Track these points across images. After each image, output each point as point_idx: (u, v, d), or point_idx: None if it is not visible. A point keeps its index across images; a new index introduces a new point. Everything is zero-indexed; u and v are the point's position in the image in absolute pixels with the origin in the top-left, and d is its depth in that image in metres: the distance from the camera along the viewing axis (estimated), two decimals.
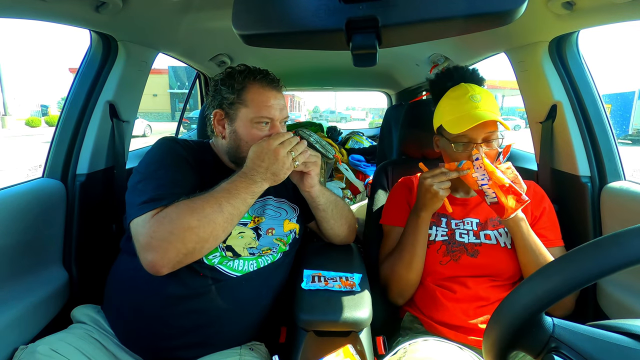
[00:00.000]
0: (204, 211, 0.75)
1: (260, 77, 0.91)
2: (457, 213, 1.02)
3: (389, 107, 2.67)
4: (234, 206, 0.78)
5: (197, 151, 0.94)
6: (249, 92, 0.90)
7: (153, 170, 0.83)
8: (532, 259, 0.90)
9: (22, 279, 0.94)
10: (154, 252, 0.73)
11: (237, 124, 0.91)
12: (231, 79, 0.91)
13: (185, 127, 12.33)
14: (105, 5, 0.92)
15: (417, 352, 0.80)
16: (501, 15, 0.47)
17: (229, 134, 0.93)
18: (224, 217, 0.77)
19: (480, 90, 0.93)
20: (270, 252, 0.94)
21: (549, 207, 1.01)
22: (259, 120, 0.89)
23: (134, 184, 0.83)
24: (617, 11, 0.85)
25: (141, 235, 0.75)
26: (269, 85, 0.92)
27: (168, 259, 0.73)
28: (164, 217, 0.75)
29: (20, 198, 0.96)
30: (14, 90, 47.72)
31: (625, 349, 0.39)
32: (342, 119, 35.09)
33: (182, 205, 0.76)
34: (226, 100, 0.91)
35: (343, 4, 0.49)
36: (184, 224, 0.74)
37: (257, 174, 0.81)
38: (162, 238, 0.73)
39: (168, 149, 0.88)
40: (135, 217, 0.77)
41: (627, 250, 0.37)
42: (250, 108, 0.89)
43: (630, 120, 12.77)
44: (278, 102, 0.92)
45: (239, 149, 0.92)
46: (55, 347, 0.74)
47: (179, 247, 0.73)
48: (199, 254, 0.78)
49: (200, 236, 0.75)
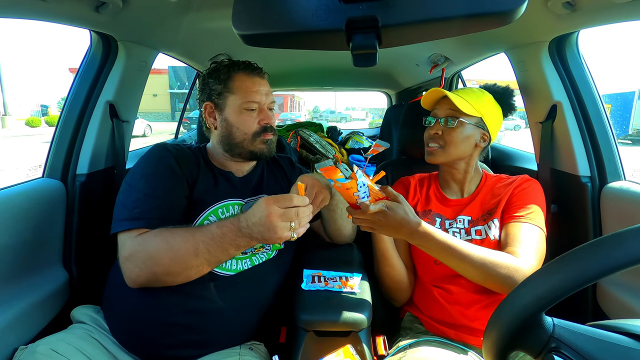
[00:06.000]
0: (179, 252, 0.76)
1: (243, 66, 0.97)
2: (450, 213, 1.02)
3: (389, 107, 2.67)
4: (211, 253, 0.77)
5: (187, 155, 0.95)
6: (235, 80, 0.95)
7: (136, 182, 0.85)
8: (456, 264, 0.84)
9: (22, 279, 0.94)
10: (130, 271, 0.78)
11: (226, 112, 0.95)
12: (217, 72, 0.96)
13: (185, 127, 12.33)
14: (105, 5, 0.92)
15: (417, 352, 0.80)
16: (501, 15, 0.47)
17: (220, 123, 0.97)
18: (198, 261, 0.77)
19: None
20: (264, 250, 0.94)
21: (521, 190, 0.96)
22: (247, 107, 0.94)
23: (120, 194, 0.86)
24: (617, 11, 0.85)
25: (121, 254, 0.79)
26: (252, 73, 0.97)
27: (141, 281, 0.78)
28: (140, 244, 0.77)
29: (20, 198, 0.96)
30: (14, 90, 47.80)
31: (625, 349, 0.39)
32: (342, 119, 35.08)
33: (160, 237, 0.77)
34: (214, 91, 0.95)
35: (343, 4, 0.49)
36: (156, 258, 0.76)
37: (247, 229, 0.75)
38: (135, 264, 0.77)
39: (157, 158, 0.90)
40: (116, 231, 0.81)
41: (627, 250, 0.37)
42: (238, 95, 0.94)
43: (630, 120, 12.77)
44: (263, 88, 0.97)
45: (232, 135, 0.95)
46: (55, 347, 0.74)
47: (149, 276, 0.77)
48: (172, 283, 0.79)
49: (170, 272, 0.77)
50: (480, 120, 0.98)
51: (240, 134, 0.95)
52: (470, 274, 0.85)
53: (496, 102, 1.02)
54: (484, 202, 1.00)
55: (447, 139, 0.97)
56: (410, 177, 1.14)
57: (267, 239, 0.74)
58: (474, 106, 0.96)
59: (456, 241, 0.84)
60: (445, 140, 0.98)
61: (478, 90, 1.02)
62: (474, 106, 0.96)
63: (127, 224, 0.80)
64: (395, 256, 0.98)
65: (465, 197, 1.04)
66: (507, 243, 0.88)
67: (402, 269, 1.00)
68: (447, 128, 0.97)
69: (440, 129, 0.98)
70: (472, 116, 0.97)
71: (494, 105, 1.01)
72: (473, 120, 0.97)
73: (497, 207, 0.96)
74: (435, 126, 1.00)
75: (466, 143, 0.98)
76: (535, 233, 0.89)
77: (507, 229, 0.91)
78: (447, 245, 0.83)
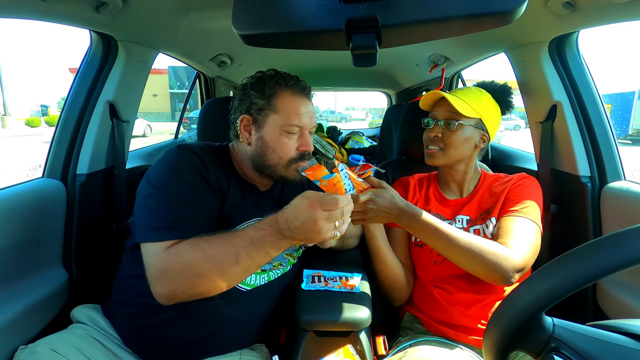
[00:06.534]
0: (217, 259, 0.71)
1: (292, 83, 0.88)
2: (449, 213, 1.02)
3: (389, 107, 2.67)
4: (253, 258, 0.72)
5: (215, 162, 0.87)
6: (280, 98, 0.86)
7: (167, 187, 0.77)
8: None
9: (22, 279, 0.94)
10: (163, 287, 0.71)
11: (265, 131, 0.86)
12: (262, 84, 0.87)
13: (185, 127, 12.34)
14: (105, 5, 0.92)
15: (417, 352, 0.80)
16: (501, 15, 0.47)
17: (255, 141, 0.87)
18: (239, 268, 0.72)
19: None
20: (281, 266, 0.94)
21: (517, 186, 0.97)
22: (288, 129, 0.85)
23: (145, 197, 0.78)
24: (617, 11, 0.85)
25: (152, 267, 0.72)
26: (300, 93, 0.88)
27: (176, 296, 0.72)
28: (176, 255, 0.71)
29: (20, 198, 0.96)
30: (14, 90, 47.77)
31: (625, 349, 0.39)
32: (342, 119, 35.04)
33: (196, 246, 0.72)
34: (255, 105, 0.86)
35: (343, 4, 0.49)
36: (194, 269, 0.71)
37: (288, 231, 0.71)
38: (171, 278, 0.71)
39: (186, 162, 0.81)
40: (145, 241, 0.74)
41: (627, 250, 0.37)
42: (280, 115, 0.85)
43: (630, 120, 12.77)
44: (308, 110, 0.88)
45: (265, 157, 0.86)
46: (55, 347, 0.74)
47: (186, 289, 0.72)
48: (210, 295, 0.74)
49: (209, 283, 0.72)
50: (480, 121, 0.98)
51: (275, 157, 0.86)
52: (457, 258, 0.86)
53: (494, 101, 1.02)
54: (481, 201, 1.00)
55: (447, 141, 0.97)
56: (410, 177, 1.14)
57: (311, 239, 0.72)
58: (473, 107, 0.96)
59: (443, 224, 0.86)
60: (445, 142, 0.98)
61: (476, 89, 1.02)
62: (473, 107, 0.96)
63: (163, 233, 0.73)
64: (389, 254, 0.98)
65: (464, 197, 1.04)
66: (499, 235, 0.88)
67: (398, 268, 0.99)
68: (447, 131, 0.97)
69: (440, 132, 0.98)
70: (472, 118, 0.96)
71: (492, 104, 1.01)
72: (472, 122, 0.97)
73: (494, 206, 0.96)
74: (434, 129, 1.00)
75: (466, 145, 0.98)
76: (529, 227, 0.88)
77: (500, 223, 0.92)
78: (434, 227, 0.85)
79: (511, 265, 0.80)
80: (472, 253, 0.82)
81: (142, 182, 0.81)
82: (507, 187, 0.97)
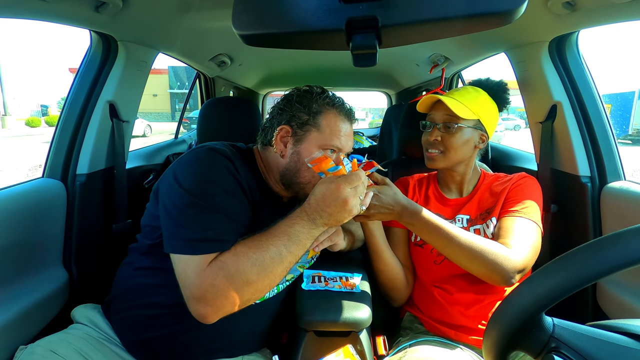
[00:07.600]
0: (264, 262, 0.69)
1: (339, 104, 0.87)
2: (449, 213, 1.02)
3: (389, 107, 2.67)
4: (292, 254, 0.72)
5: (246, 170, 0.82)
6: (326, 117, 0.85)
7: (207, 195, 0.72)
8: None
9: (22, 279, 0.94)
10: (208, 306, 0.67)
11: (303, 146, 0.84)
12: (309, 99, 0.85)
13: (185, 127, 12.34)
14: (105, 5, 0.92)
15: (417, 352, 0.80)
16: (501, 15, 0.47)
17: (290, 155, 0.85)
18: (283, 267, 0.71)
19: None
20: (292, 277, 0.94)
21: (517, 186, 0.97)
22: (327, 148, 0.84)
23: (180, 205, 0.71)
24: (617, 11, 0.85)
25: (193, 284, 0.67)
26: (345, 115, 0.87)
27: (222, 312, 0.69)
28: (221, 268, 0.67)
29: (20, 198, 0.96)
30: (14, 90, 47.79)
31: (625, 349, 0.39)
32: None
33: (240, 254, 0.69)
34: (298, 119, 0.84)
35: (343, 4, 0.49)
36: (242, 279, 0.67)
37: (320, 218, 0.72)
38: (219, 293, 0.67)
39: (222, 169, 0.76)
40: (183, 254, 0.69)
41: (627, 250, 0.37)
42: (323, 134, 0.84)
43: (630, 120, 12.78)
44: (349, 134, 0.89)
45: (298, 173, 0.84)
46: (54, 348, 0.74)
47: (235, 302, 0.68)
48: (254, 301, 0.73)
49: (257, 289, 0.70)
50: (478, 121, 0.97)
51: (307, 176, 0.84)
52: (457, 257, 0.85)
53: (491, 100, 1.01)
54: (481, 200, 1.00)
55: (447, 144, 0.97)
56: (409, 177, 1.14)
57: (342, 220, 0.73)
58: (471, 109, 0.95)
59: (444, 222, 0.86)
60: (445, 145, 0.97)
61: (472, 89, 1.01)
62: (471, 109, 0.95)
63: (207, 246, 0.69)
64: (388, 253, 0.98)
65: (464, 197, 1.04)
66: (500, 235, 0.88)
67: (397, 268, 0.99)
68: (446, 134, 0.97)
69: (439, 135, 0.98)
70: (470, 119, 0.96)
71: (489, 103, 1.00)
72: (471, 123, 0.97)
73: (495, 206, 0.96)
74: (433, 132, 0.99)
75: (466, 147, 0.98)
76: (529, 227, 0.88)
77: (501, 223, 0.92)
78: (436, 225, 0.85)
79: (512, 265, 0.80)
80: (472, 252, 0.82)
81: (170, 187, 0.74)
82: (508, 187, 0.97)
